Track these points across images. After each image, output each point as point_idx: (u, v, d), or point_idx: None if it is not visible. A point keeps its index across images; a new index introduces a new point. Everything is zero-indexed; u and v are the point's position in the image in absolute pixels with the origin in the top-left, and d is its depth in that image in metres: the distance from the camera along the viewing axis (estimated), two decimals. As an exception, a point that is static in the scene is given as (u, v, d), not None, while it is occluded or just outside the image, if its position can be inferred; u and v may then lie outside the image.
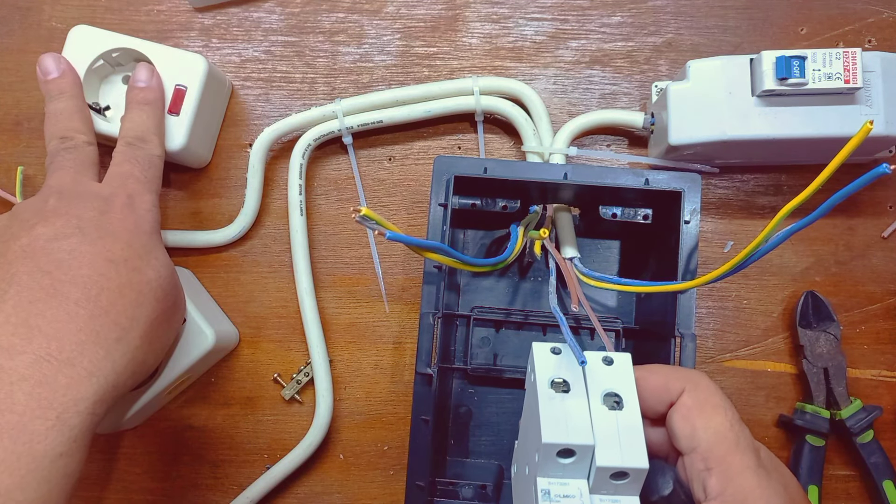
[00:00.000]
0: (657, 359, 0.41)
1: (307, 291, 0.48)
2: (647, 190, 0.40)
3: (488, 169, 0.41)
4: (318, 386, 0.48)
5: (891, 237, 0.49)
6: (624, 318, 0.47)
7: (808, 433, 0.46)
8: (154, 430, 0.50)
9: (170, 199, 0.51)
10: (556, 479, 0.29)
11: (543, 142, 0.47)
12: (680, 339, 0.38)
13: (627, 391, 0.30)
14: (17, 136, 0.51)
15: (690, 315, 0.39)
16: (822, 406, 0.46)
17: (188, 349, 0.44)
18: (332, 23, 0.51)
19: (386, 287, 0.50)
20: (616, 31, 0.50)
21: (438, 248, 0.36)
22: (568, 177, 0.41)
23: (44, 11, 0.52)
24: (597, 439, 0.29)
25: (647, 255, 0.46)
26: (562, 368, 0.31)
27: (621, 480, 0.29)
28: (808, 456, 0.46)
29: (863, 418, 0.45)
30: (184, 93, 0.46)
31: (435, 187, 0.41)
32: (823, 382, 0.46)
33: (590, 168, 0.41)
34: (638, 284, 0.39)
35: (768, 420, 0.48)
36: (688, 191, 0.40)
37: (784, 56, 0.41)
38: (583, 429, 0.29)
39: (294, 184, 0.48)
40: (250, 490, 0.48)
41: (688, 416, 0.29)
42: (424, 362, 0.40)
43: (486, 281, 0.48)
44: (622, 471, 0.28)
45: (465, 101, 0.48)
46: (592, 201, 0.43)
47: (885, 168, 0.25)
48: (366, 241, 0.50)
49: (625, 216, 0.43)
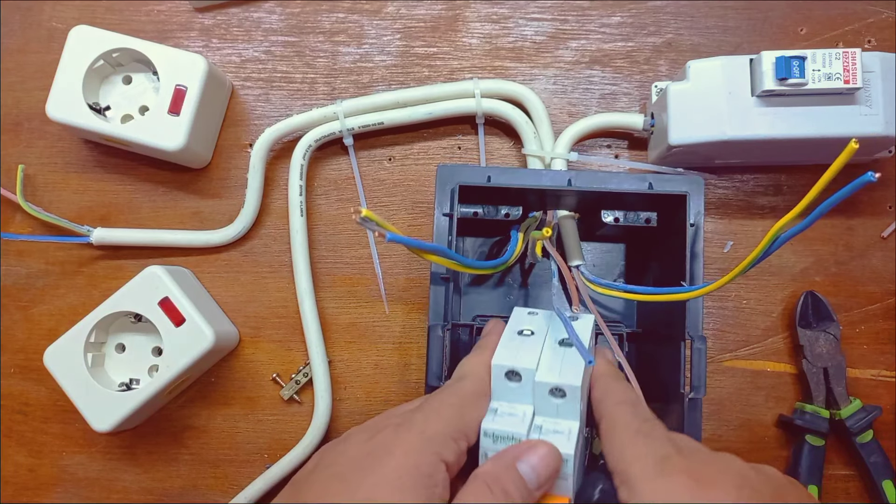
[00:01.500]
0: (663, 361, 0.41)
1: (307, 292, 0.48)
2: (650, 194, 0.40)
3: (492, 177, 0.41)
4: (316, 386, 0.48)
5: (890, 237, 0.49)
6: (626, 322, 0.47)
7: (808, 433, 0.46)
8: (154, 430, 0.50)
9: (170, 199, 0.51)
10: (506, 401, 0.33)
11: (545, 146, 0.48)
12: (690, 341, 0.38)
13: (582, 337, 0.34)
14: (18, 136, 0.51)
15: (698, 317, 0.39)
16: (822, 406, 0.46)
17: (188, 349, 0.44)
18: (332, 23, 0.51)
19: (387, 287, 0.50)
20: (616, 32, 0.50)
21: (439, 250, 0.36)
22: (572, 183, 0.41)
23: (44, 11, 0.52)
24: (540, 365, 0.33)
25: (650, 257, 0.46)
26: (531, 324, 0.36)
27: (560, 399, 0.32)
28: (808, 456, 0.46)
29: (862, 418, 0.45)
30: (184, 93, 0.46)
31: (439, 196, 0.41)
32: (823, 382, 0.46)
33: (593, 174, 0.41)
34: (646, 292, 0.39)
35: (768, 420, 0.48)
36: (692, 193, 0.40)
37: (784, 56, 0.41)
38: (530, 359, 0.33)
39: (294, 184, 0.48)
40: (248, 490, 0.48)
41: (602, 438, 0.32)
42: (435, 374, 0.39)
43: (486, 287, 0.48)
44: (557, 387, 0.32)
45: (466, 104, 0.48)
46: (595, 206, 0.43)
47: (871, 176, 0.26)
48: (366, 241, 0.50)
49: (627, 220, 0.43)
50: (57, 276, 0.51)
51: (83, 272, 0.51)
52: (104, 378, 0.46)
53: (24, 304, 0.51)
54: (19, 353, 0.50)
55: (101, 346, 0.47)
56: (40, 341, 0.49)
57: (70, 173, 0.51)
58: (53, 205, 0.50)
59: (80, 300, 0.50)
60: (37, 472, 0.50)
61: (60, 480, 0.50)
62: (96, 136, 0.48)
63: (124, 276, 0.47)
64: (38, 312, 0.51)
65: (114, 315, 0.45)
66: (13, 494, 0.50)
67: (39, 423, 0.50)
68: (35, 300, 0.51)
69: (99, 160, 0.51)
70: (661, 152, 0.45)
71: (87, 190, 0.51)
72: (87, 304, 0.48)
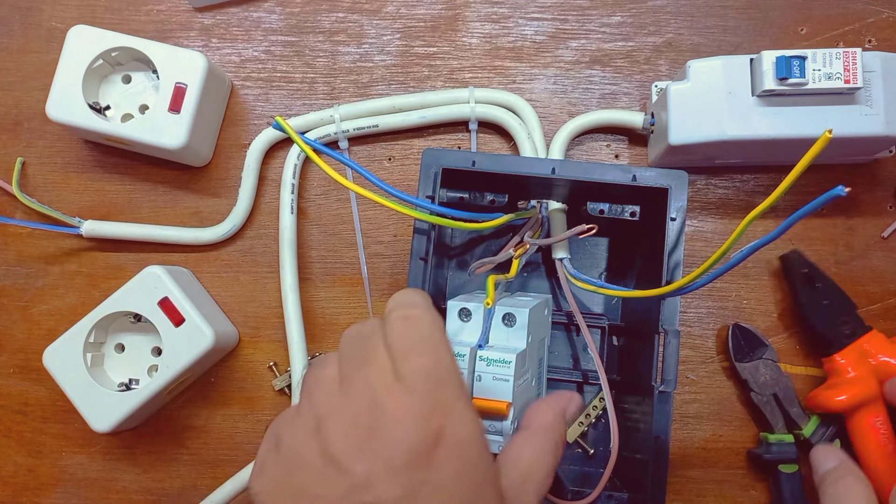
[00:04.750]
0: (643, 354, 0.41)
1: (291, 288, 0.48)
2: (634, 186, 0.40)
3: (476, 162, 0.41)
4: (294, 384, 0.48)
5: (891, 237, 0.49)
6: (611, 315, 0.47)
7: (779, 463, 0.45)
8: (154, 430, 0.49)
9: (170, 198, 0.51)
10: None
11: (539, 152, 0.48)
12: (664, 335, 0.39)
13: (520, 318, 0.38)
14: (17, 136, 0.51)
15: (675, 312, 0.39)
16: (784, 431, 0.46)
17: (188, 349, 0.44)
18: (332, 23, 0.51)
19: (387, 287, 0.50)
20: (616, 31, 0.50)
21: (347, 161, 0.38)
22: (556, 171, 0.41)
23: (43, 11, 0.52)
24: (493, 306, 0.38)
25: (635, 252, 0.47)
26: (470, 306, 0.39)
27: (510, 326, 0.38)
28: (786, 484, 0.45)
29: (825, 432, 0.45)
30: (184, 90, 0.46)
31: (423, 179, 0.41)
32: (777, 408, 0.46)
33: (577, 163, 0.41)
34: (618, 290, 0.40)
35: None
36: (674, 188, 0.40)
37: (784, 56, 0.41)
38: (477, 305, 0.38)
39: (287, 183, 0.49)
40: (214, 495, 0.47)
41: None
42: None
43: (472, 283, 0.48)
44: (509, 313, 0.38)
45: (460, 109, 0.49)
46: (580, 197, 0.43)
47: (840, 190, 0.26)
48: (366, 241, 0.50)
49: (612, 213, 0.43)
50: (56, 276, 0.51)
51: (83, 272, 0.50)
52: (103, 378, 0.46)
53: (23, 304, 0.51)
54: (18, 353, 0.50)
55: (100, 346, 0.47)
56: (39, 341, 0.49)
57: (70, 173, 0.51)
58: (53, 204, 0.50)
59: (80, 300, 0.50)
60: (36, 472, 0.50)
61: (60, 481, 0.50)
62: (96, 136, 0.48)
63: (124, 276, 0.47)
64: (38, 312, 0.51)
65: (113, 315, 0.45)
66: (13, 495, 0.50)
67: (39, 423, 0.50)
68: (34, 300, 0.51)
69: (98, 160, 0.51)
70: (661, 152, 0.45)
71: (87, 189, 0.51)
72: (87, 304, 0.48)
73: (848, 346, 0.45)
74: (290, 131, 0.36)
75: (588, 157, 0.50)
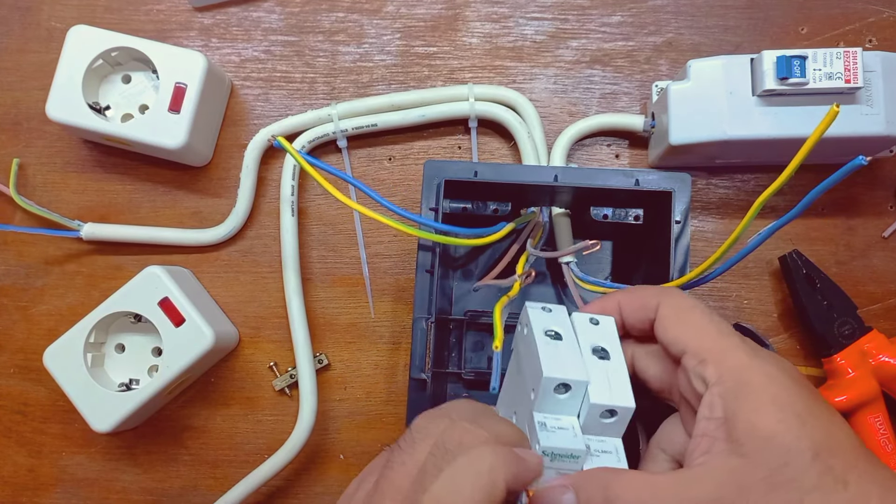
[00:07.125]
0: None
1: (295, 291, 0.48)
2: (637, 190, 0.40)
3: (478, 173, 0.41)
4: (301, 388, 0.47)
5: (891, 237, 0.49)
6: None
7: None
8: (154, 430, 0.49)
9: (170, 198, 0.51)
10: (550, 414, 0.31)
11: (539, 151, 0.48)
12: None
13: (613, 346, 0.32)
14: (17, 136, 0.51)
15: None
16: None
17: (188, 349, 0.44)
18: (332, 22, 0.51)
19: (386, 287, 0.49)
20: (616, 31, 0.50)
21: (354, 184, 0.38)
22: (558, 179, 0.41)
23: (43, 11, 0.52)
24: (590, 378, 0.31)
25: (640, 255, 0.46)
26: (553, 323, 0.33)
27: (610, 419, 0.31)
28: None
29: None
30: (184, 90, 0.46)
31: (426, 192, 0.41)
32: None
33: (580, 170, 0.41)
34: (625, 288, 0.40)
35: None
36: (678, 191, 0.40)
37: (785, 56, 0.41)
38: (578, 367, 0.31)
39: (287, 184, 0.49)
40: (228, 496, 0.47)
41: (668, 324, 0.30)
42: (418, 367, 0.39)
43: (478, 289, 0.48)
44: (612, 409, 0.31)
45: (459, 107, 0.48)
46: (583, 202, 0.43)
47: (862, 160, 0.26)
48: (366, 241, 0.50)
49: (616, 217, 0.43)
50: (56, 276, 0.51)
51: (83, 272, 0.50)
52: (104, 378, 0.46)
53: (23, 304, 0.51)
54: (19, 353, 0.50)
55: (100, 347, 0.47)
56: (40, 341, 0.49)
57: (69, 173, 0.51)
58: (53, 205, 0.50)
59: (80, 300, 0.50)
60: (36, 472, 0.50)
61: (60, 481, 0.50)
62: (96, 136, 0.48)
63: (124, 276, 0.47)
64: (38, 312, 0.50)
65: (113, 315, 0.45)
66: (12, 495, 0.50)
67: (39, 423, 0.50)
68: (34, 300, 0.51)
69: (98, 160, 0.51)
70: (662, 152, 0.45)
71: (87, 190, 0.51)
72: (87, 304, 0.48)
73: (848, 347, 0.45)
74: (292, 151, 0.36)
75: (589, 158, 0.50)
